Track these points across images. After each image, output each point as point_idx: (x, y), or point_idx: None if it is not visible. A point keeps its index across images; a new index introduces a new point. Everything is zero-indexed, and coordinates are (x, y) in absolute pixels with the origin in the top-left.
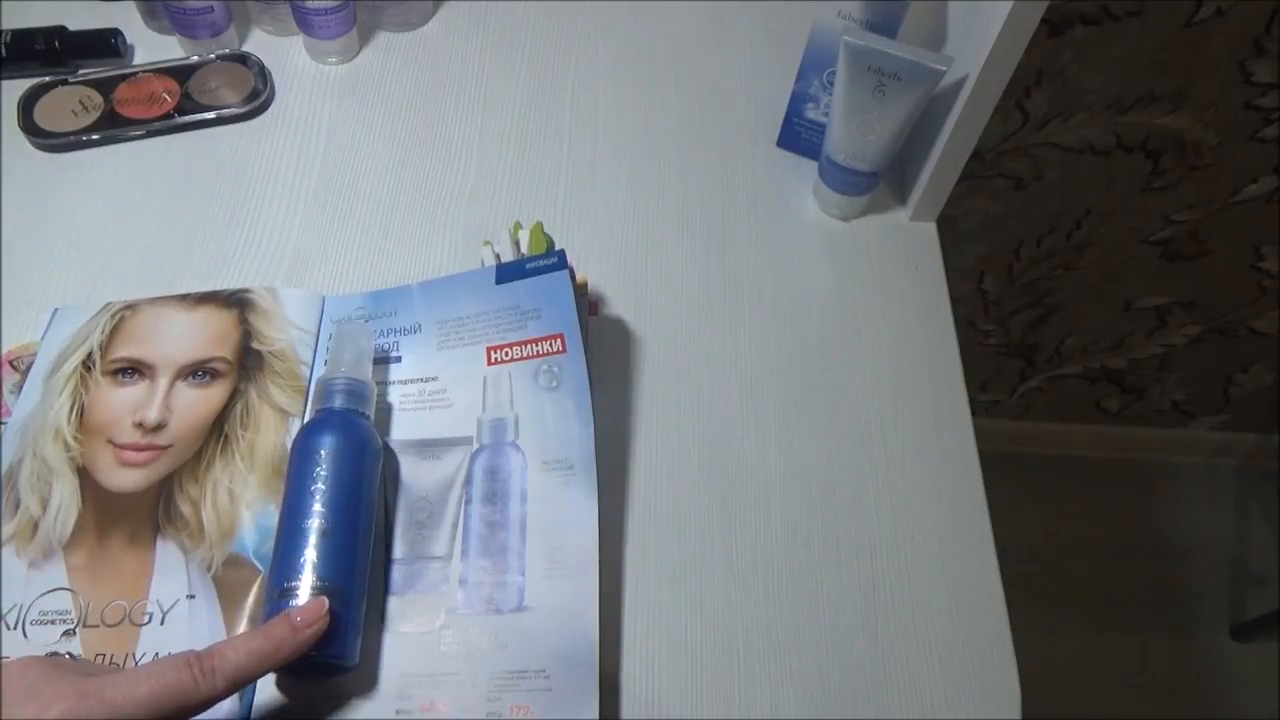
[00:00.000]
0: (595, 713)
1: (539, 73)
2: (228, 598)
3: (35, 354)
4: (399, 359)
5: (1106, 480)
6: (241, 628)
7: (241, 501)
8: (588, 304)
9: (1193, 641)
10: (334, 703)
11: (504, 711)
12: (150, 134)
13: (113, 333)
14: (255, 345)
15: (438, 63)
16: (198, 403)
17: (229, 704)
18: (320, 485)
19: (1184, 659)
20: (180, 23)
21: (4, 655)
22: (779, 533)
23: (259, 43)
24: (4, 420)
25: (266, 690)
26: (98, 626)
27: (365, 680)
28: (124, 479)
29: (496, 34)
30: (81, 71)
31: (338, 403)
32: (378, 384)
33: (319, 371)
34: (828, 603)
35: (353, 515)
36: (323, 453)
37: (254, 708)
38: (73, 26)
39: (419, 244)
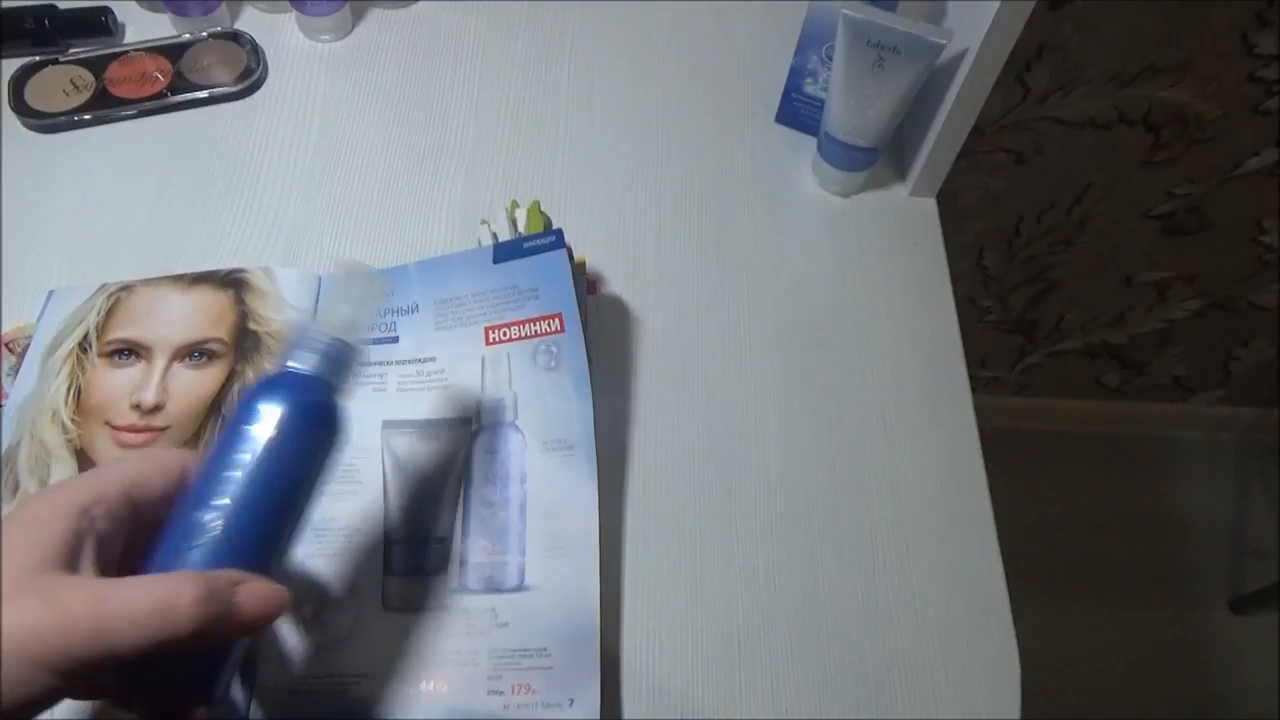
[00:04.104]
0: (596, 691)
1: (535, 48)
2: None
3: (31, 336)
4: (396, 340)
5: (1106, 455)
6: None
7: None
8: (586, 283)
9: (1192, 615)
10: (334, 684)
11: (505, 690)
12: (142, 114)
13: (108, 314)
14: (252, 326)
15: (432, 39)
16: (195, 384)
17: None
18: (241, 470)
19: (1184, 632)
20: (172, 0)
21: None
22: (779, 510)
23: (251, 20)
24: (1, 403)
25: (267, 669)
26: None
27: (367, 661)
28: None
29: (491, 9)
30: (72, 51)
31: (309, 364)
32: (375, 365)
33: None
34: (827, 580)
35: (269, 522)
36: (262, 424)
37: (252, 708)
38: (62, 5)
39: (415, 222)
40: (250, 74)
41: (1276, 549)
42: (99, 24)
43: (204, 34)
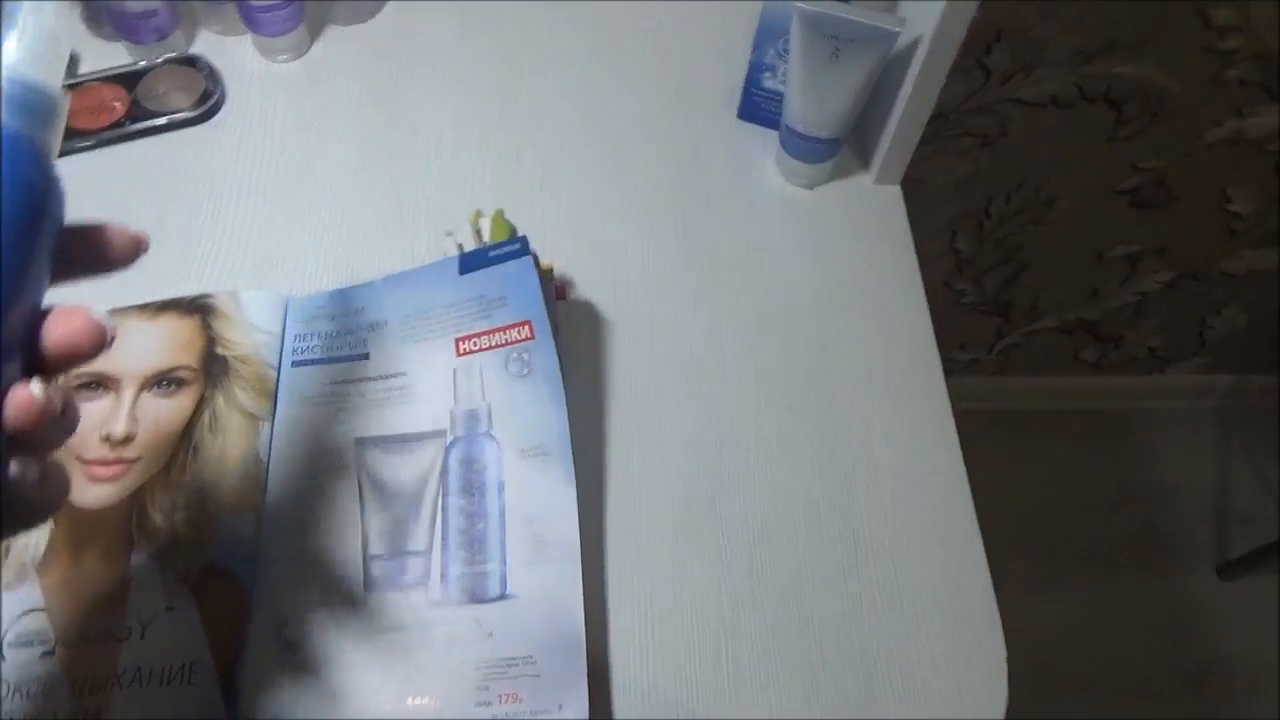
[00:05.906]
0: (585, 697)
1: (495, 58)
2: (207, 607)
3: None
4: (366, 356)
5: (1089, 431)
6: (223, 636)
7: (215, 509)
8: (554, 289)
9: (1181, 583)
10: (321, 701)
11: (494, 700)
12: (101, 144)
13: None
14: (220, 351)
15: (392, 53)
16: (165, 413)
17: (218, 705)
18: None
19: (1173, 600)
20: (124, 27)
21: None
22: (759, 507)
23: (207, 44)
24: None
25: (252, 694)
26: (77, 645)
27: (352, 681)
28: (94, 494)
29: (450, 21)
30: None
31: None
32: (346, 382)
33: (285, 366)
34: (812, 573)
35: None
36: None
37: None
38: None
39: (381, 238)
40: (209, 98)
41: (1260, 513)
42: None
43: (159, 60)
